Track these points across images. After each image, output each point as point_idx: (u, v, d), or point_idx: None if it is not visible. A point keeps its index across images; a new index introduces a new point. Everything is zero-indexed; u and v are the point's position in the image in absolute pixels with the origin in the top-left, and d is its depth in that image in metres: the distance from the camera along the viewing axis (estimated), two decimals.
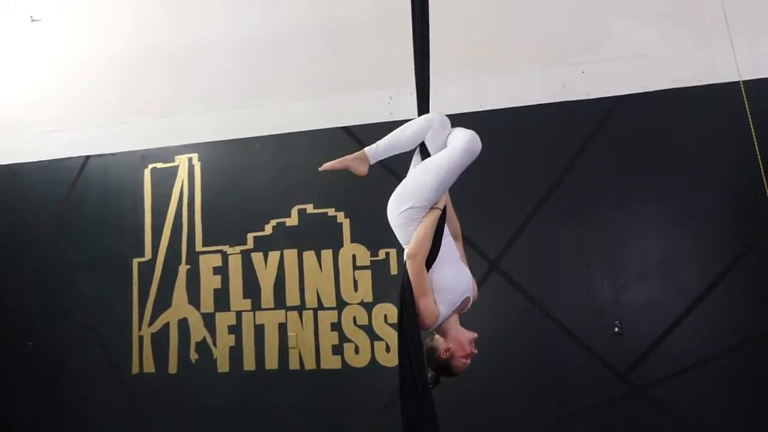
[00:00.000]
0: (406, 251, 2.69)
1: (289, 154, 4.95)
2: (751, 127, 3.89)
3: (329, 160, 4.73)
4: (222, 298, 4.92)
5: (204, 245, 5.01)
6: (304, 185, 4.85)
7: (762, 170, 3.88)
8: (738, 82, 3.96)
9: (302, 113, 4.93)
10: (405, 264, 2.66)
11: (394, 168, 4.62)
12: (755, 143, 3.89)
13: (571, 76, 4.39)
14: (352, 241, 4.73)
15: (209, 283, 4.96)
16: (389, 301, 4.58)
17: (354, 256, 4.73)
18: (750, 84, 3.97)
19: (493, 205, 4.46)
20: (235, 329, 4.85)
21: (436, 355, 2.66)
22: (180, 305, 4.98)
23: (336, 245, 4.76)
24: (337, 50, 4.95)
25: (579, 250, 4.33)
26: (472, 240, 4.36)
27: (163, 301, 5.01)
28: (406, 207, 2.73)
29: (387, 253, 4.64)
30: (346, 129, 4.83)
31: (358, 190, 4.70)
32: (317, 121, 4.90)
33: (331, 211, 4.79)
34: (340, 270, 4.73)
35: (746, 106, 3.91)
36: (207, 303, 4.94)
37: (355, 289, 4.70)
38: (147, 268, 5.09)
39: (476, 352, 2.69)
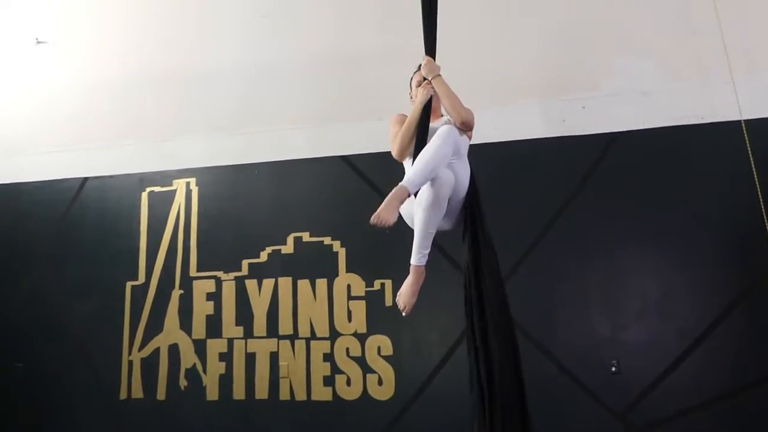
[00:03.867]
0: None
1: (286, 182, 4.93)
2: (753, 167, 3.85)
3: (327, 189, 4.85)
4: (214, 325, 4.85)
5: (198, 270, 4.96)
6: (300, 213, 4.83)
7: (763, 211, 3.82)
8: (739, 120, 3.93)
9: (301, 141, 4.93)
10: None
11: None
12: (756, 183, 3.85)
13: (571, 111, 4.38)
14: (347, 271, 4.68)
15: (202, 309, 4.90)
16: (383, 333, 4.52)
17: (349, 286, 4.67)
18: (751, 123, 3.94)
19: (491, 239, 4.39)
20: (226, 357, 4.77)
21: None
22: (171, 330, 4.91)
23: (331, 274, 4.70)
24: (339, 79, 4.96)
25: (577, 286, 4.27)
26: None
27: (155, 326, 4.94)
28: None
29: (382, 284, 4.58)
30: (344, 158, 4.81)
31: (355, 219, 4.63)
32: (316, 149, 4.89)
33: (327, 240, 4.75)
34: (335, 300, 4.67)
35: (748, 145, 3.88)
36: (199, 329, 4.87)
37: (349, 320, 4.63)
38: (140, 292, 5.03)
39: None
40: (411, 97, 3.31)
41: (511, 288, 4.27)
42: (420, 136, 2.97)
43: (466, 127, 3.01)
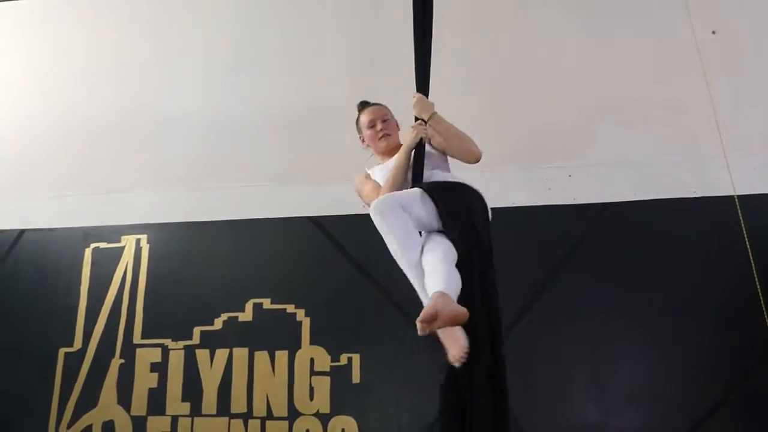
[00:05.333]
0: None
1: (247, 243, 4.53)
2: (747, 244, 3.69)
3: (292, 252, 4.47)
4: (157, 400, 4.31)
5: (143, 337, 4.45)
6: (262, 277, 4.42)
7: (759, 290, 3.64)
8: (732, 196, 3.78)
9: (265, 199, 4.57)
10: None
11: (362, 264, 4.31)
12: (752, 260, 3.68)
13: (557, 179, 4.19)
14: (311, 343, 4.25)
15: (144, 381, 4.36)
16: (348, 414, 4.08)
17: (312, 360, 4.23)
18: (745, 198, 3.81)
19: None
20: None
21: None
22: (107, 405, 4.34)
23: (293, 346, 4.26)
24: (309, 136, 4.68)
25: (562, 365, 3.95)
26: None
27: (89, 400, 4.36)
28: None
29: (349, 359, 4.18)
30: (313, 219, 4.48)
31: (322, 286, 4.34)
32: (281, 208, 4.54)
33: (290, 308, 4.34)
34: (296, 375, 4.22)
35: (741, 221, 3.73)
36: (139, 404, 4.32)
37: (311, 398, 4.18)
38: (75, 360, 4.46)
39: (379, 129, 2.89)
40: (362, 141, 3.10)
41: None
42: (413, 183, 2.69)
43: (477, 161, 2.78)
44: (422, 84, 2.87)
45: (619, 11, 4.41)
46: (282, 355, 4.27)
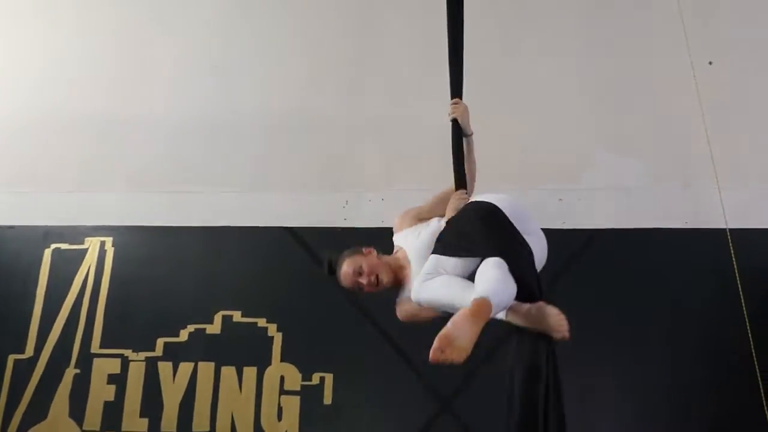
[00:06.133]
0: None
1: (219, 251, 4.31)
2: (738, 281, 3.61)
3: (267, 263, 4.26)
4: (113, 415, 4.03)
5: (102, 347, 4.17)
6: (233, 289, 4.20)
7: (748, 328, 3.55)
8: (725, 229, 3.71)
9: (241, 206, 4.36)
10: None
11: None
12: (741, 297, 3.59)
13: (547, 203, 4.06)
14: (282, 360, 4.04)
15: (100, 393, 4.08)
16: None
17: (282, 378, 4.01)
18: (736, 233, 3.73)
19: None
20: None
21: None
22: (57, 418, 4.04)
23: (263, 362, 4.04)
24: (289, 143, 4.50)
25: None
26: (423, 374, 3.82)
27: (38, 411, 4.06)
28: None
29: (322, 378, 3.97)
30: (290, 230, 4.27)
31: (297, 301, 4.13)
32: (257, 217, 4.33)
33: (261, 322, 4.11)
34: (264, 393, 3.99)
35: (733, 256, 3.64)
36: (93, 419, 4.03)
37: (279, 418, 3.95)
38: (25, 368, 4.16)
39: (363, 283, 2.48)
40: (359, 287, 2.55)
41: (470, 392, 3.86)
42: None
43: None
44: (457, 89, 2.72)
45: (619, 39, 4.36)
46: (250, 372, 4.05)
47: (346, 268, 2.51)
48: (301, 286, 4.14)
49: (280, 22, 4.75)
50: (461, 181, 2.63)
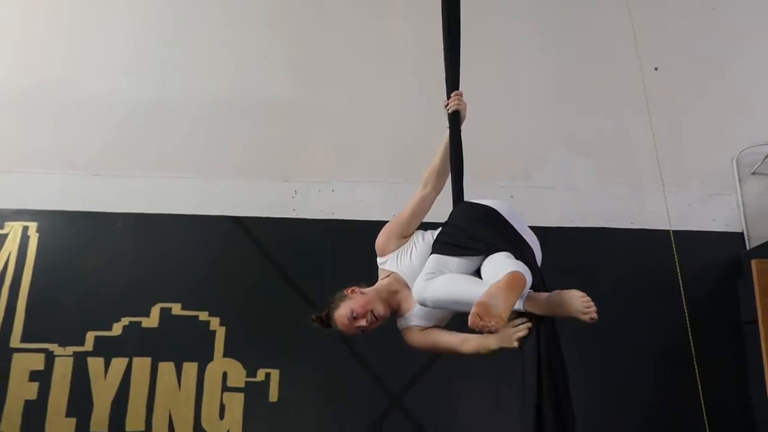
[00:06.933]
0: None
1: (158, 240, 4.07)
2: (680, 280, 3.74)
3: (210, 254, 4.05)
4: (35, 415, 3.72)
5: (23, 341, 3.84)
6: (172, 280, 3.97)
7: (689, 328, 3.68)
8: (668, 230, 3.84)
9: (185, 193, 4.14)
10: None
11: (288, 272, 3.99)
12: (682, 296, 3.73)
13: (497, 198, 4.06)
14: (225, 355, 3.85)
15: (20, 392, 3.75)
16: None
17: (225, 374, 3.83)
18: (679, 234, 3.87)
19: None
20: None
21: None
22: None
23: (204, 358, 3.85)
24: (239, 129, 4.31)
25: (491, 393, 3.82)
26: (374, 369, 3.78)
27: None
28: None
29: (267, 374, 3.82)
30: (236, 219, 4.09)
31: (242, 294, 3.96)
32: (202, 205, 4.12)
33: (203, 315, 3.91)
34: (205, 390, 3.80)
35: (675, 256, 3.78)
36: (12, 419, 3.70)
37: (221, 416, 3.77)
38: None
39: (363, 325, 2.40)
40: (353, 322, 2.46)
41: (420, 388, 3.80)
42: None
43: None
44: (454, 84, 2.67)
45: (574, 41, 4.45)
46: (191, 368, 3.84)
47: (341, 320, 2.43)
48: (246, 279, 3.98)
49: (232, 4, 4.54)
50: (459, 181, 2.67)
